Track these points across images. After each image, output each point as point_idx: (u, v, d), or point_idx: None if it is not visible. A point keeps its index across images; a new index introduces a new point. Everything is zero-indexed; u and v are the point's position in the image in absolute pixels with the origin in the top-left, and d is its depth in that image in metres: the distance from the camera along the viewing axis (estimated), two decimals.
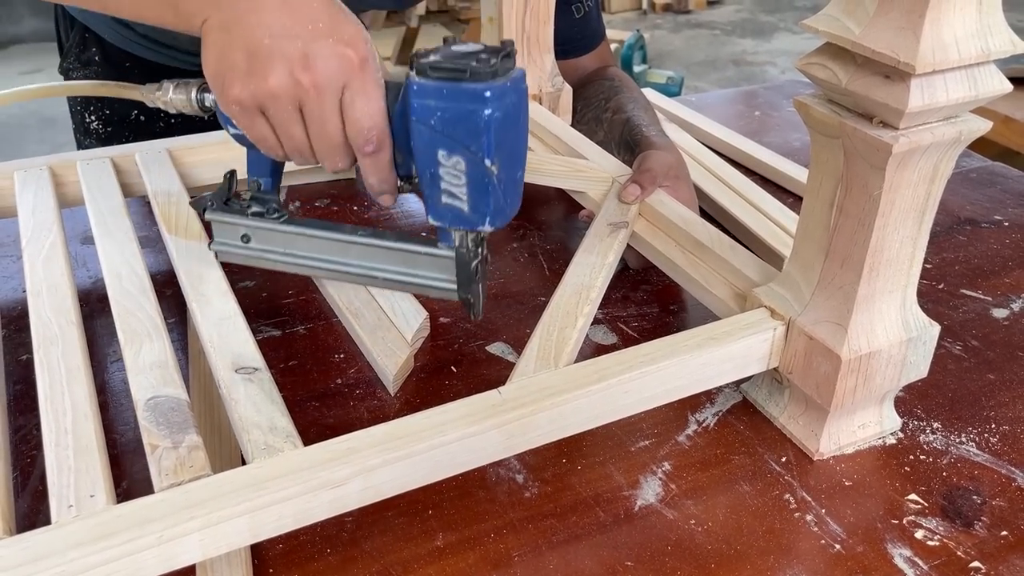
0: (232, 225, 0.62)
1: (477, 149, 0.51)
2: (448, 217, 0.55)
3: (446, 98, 0.51)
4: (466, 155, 0.51)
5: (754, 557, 0.53)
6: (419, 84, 0.51)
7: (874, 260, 0.54)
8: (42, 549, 0.43)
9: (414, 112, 0.51)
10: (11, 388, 0.65)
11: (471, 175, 0.52)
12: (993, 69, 0.50)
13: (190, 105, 0.62)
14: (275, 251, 0.62)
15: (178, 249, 0.67)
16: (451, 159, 0.52)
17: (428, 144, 0.52)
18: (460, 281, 0.58)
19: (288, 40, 0.51)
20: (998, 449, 0.62)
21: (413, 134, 0.52)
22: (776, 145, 1.06)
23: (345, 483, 0.48)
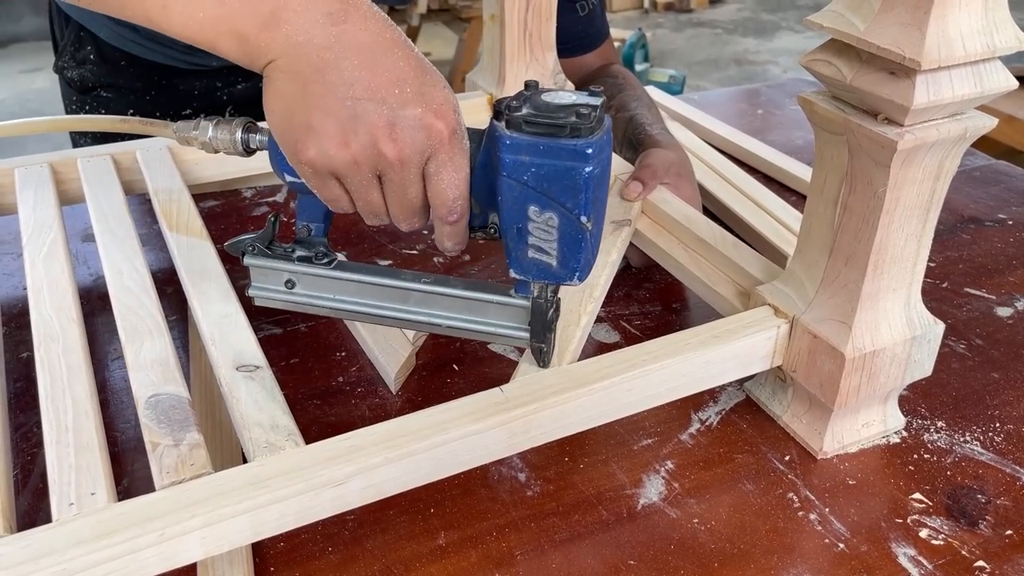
0: (276, 271, 0.58)
1: (574, 206, 0.49)
2: (533, 271, 0.52)
3: (543, 154, 0.48)
4: (560, 212, 0.49)
5: (757, 556, 0.53)
6: (512, 139, 0.48)
7: (878, 258, 0.54)
8: (43, 547, 0.43)
9: (505, 167, 0.49)
10: (12, 386, 0.65)
11: (564, 231, 0.50)
12: (999, 65, 0.50)
13: (234, 148, 0.58)
14: (324, 297, 0.58)
15: (179, 246, 0.67)
16: (543, 215, 0.50)
17: (518, 199, 0.50)
18: (534, 330, 0.55)
19: (373, 105, 0.47)
20: (1002, 448, 0.61)
21: (502, 188, 0.50)
22: (779, 143, 1.06)
23: (347, 481, 0.48)
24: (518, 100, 0.49)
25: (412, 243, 0.84)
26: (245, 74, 1.00)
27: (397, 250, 0.83)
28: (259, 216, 0.88)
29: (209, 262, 0.65)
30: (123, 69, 0.97)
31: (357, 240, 0.84)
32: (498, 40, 0.92)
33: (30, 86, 3.99)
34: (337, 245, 0.83)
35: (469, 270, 0.80)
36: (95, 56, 0.97)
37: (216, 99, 1.00)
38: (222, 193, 0.92)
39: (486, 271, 0.80)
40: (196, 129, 0.58)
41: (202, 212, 0.73)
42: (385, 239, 0.84)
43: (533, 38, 0.92)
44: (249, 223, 0.87)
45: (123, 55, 0.97)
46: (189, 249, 0.67)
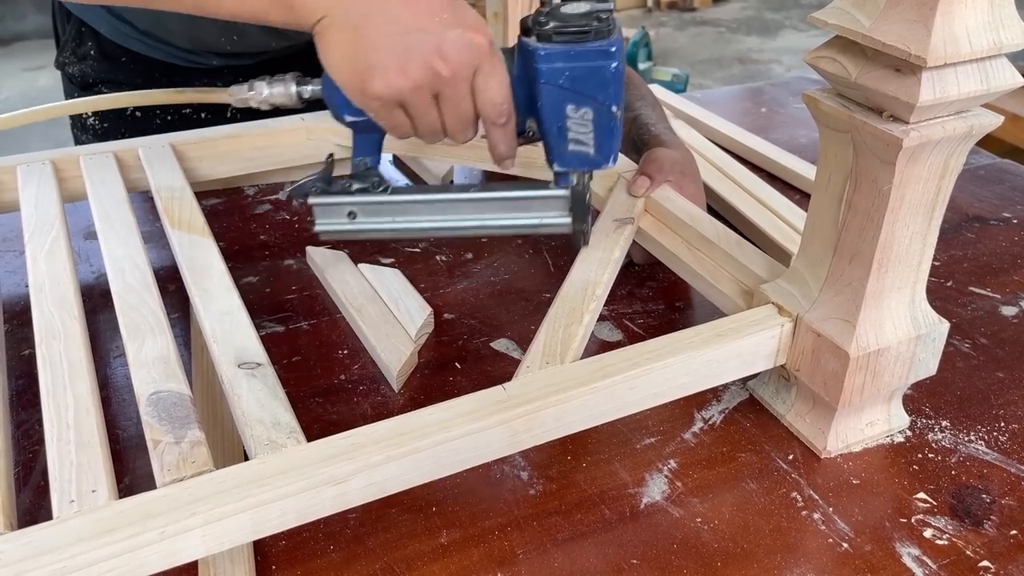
0: (338, 205, 0.65)
1: (605, 99, 0.57)
2: (575, 162, 0.61)
3: (575, 58, 0.56)
4: (594, 105, 0.57)
5: (761, 555, 0.53)
6: (547, 50, 0.56)
7: (883, 256, 0.54)
8: (43, 544, 0.42)
9: (542, 76, 0.56)
10: (13, 383, 0.65)
11: (598, 122, 0.58)
12: (1005, 62, 0.49)
13: (289, 99, 0.65)
14: (383, 221, 0.65)
15: (181, 244, 0.67)
16: (579, 111, 0.57)
17: (556, 101, 0.57)
18: (576, 215, 0.64)
19: (420, 35, 0.54)
20: (1007, 448, 0.61)
21: (541, 94, 0.57)
22: (783, 142, 1.05)
23: (348, 479, 0.48)
24: (542, 16, 0.56)
25: (415, 242, 0.84)
26: (245, 74, 1.00)
27: (400, 248, 0.82)
28: (261, 213, 0.88)
29: (211, 259, 0.65)
30: (123, 65, 0.97)
31: (360, 240, 0.84)
32: (501, 37, 0.92)
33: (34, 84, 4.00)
34: (340, 243, 0.83)
35: (472, 268, 0.80)
36: (95, 52, 0.97)
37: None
38: (224, 191, 0.92)
39: (489, 269, 0.80)
40: (252, 90, 0.65)
41: (204, 210, 0.73)
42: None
43: None
44: (251, 221, 0.87)
45: (123, 51, 0.96)
46: (191, 246, 0.67)
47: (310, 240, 0.83)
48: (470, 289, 0.77)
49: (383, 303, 0.72)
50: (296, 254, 0.81)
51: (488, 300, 0.76)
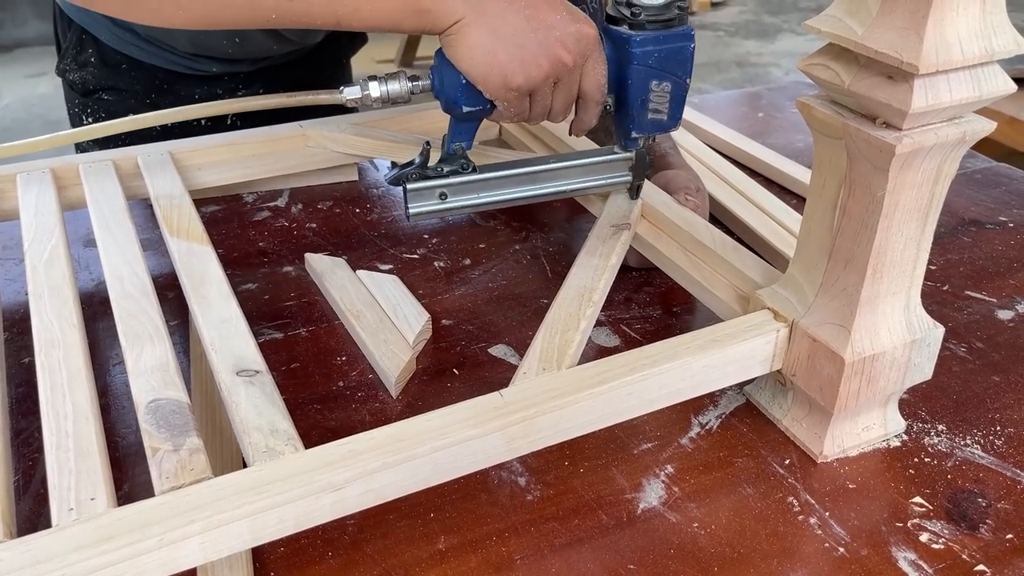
0: (431, 189, 0.70)
1: (683, 74, 0.68)
2: (650, 127, 0.70)
3: (663, 41, 0.66)
4: (674, 80, 0.67)
5: (757, 560, 0.53)
6: (641, 36, 0.65)
7: (877, 262, 0.54)
8: (42, 552, 0.43)
9: (636, 58, 0.66)
10: (13, 391, 0.65)
11: (675, 94, 0.68)
12: (997, 69, 0.50)
13: (404, 96, 0.71)
14: (470, 198, 0.72)
15: (180, 251, 0.67)
16: (661, 85, 0.67)
17: (644, 78, 0.67)
18: (637, 172, 0.75)
19: (548, 31, 0.62)
20: (1003, 451, 0.61)
21: (632, 74, 0.67)
22: (780, 146, 1.06)
23: (346, 486, 0.48)
24: (627, 8, 0.65)
25: (412, 248, 0.84)
26: (246, 82, 1.01)
27: (398, 254, 0.83)
28: (259, 220, 0.88)
29: (210, 267, 0.65)
30: (124, 72, 0.97)
31: (358, 245, 0.84)
32: None
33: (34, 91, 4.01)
34: (339, 250, 0.83)
35: (470, 274, 0.80)
36: (96, 59, 0.98)
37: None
38: (223, 198, 0.92)
39: (487, 275, 0.80)
40: (366, 90, 0.71)
41: (203, 217, 0.73)
42: (386, 244, 0.85)
43: None
44: (250, 228, 0.87)
45: (124, 58, 0.97)
46: (190, 254, 0.67)
47: (308, 247, 0.84)
48: (468, 295, 0.77)
49: (381, 309, 0.72)
50: (295, 261, 0.82)
51: (486, 306, 0.76)
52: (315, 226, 0.87)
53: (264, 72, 1.01)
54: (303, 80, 1.03)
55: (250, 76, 1.00)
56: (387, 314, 0.72)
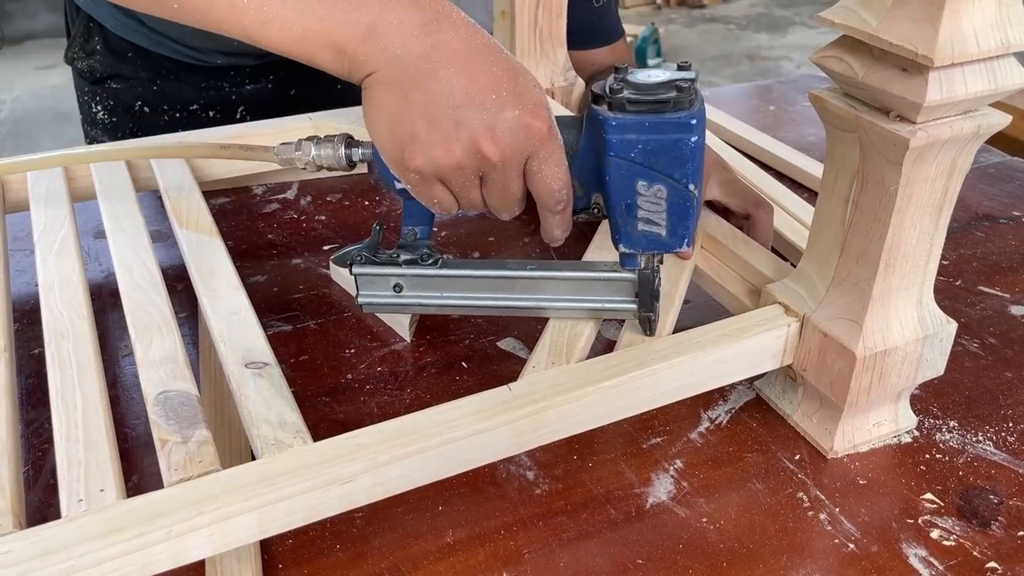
0: (384, 277, 0.61)
1: (681, 176, 0.52)
2: (643, 243, 0.55)
3: (649, 130, 0.51)
4: (668, 183, 0.52)
5: (767, 556, 0.53)
6: (618, 120, 0.51)
7: (890, 256, 0.54)
8: (52, 543, 0.43)
9: (612, 148, 0.51)
10: (24, 382, 0.66)
11: (672, 201, 0.53)
12: (1013, 62, 0.49)
13: (338, 163, 0.60)
14: (431, 296, 0.61)
15: (189, 243, 0.67)
16: (651, 188, 0.52)
17: (626, 176, 0.52)
18: (643, 300, 0.58)
19: (473, 111, 0.49)
20: (1016, 448, 0.61)
21: (609, 168, 0.52)
22: (791, 140, 1.05)
23: (354, 479, 0.48)
24: (616, 83, 0.51)
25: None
26: (253, 76, 1.01)
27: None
28: (268, 213, 0.88)
29: (219, 259, 0.65)
30: (130, 60, 0.97)
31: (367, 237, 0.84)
32: (508, 37, 0.92)
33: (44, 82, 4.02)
34: (347, 241, 0.83)
35: None
36: (102, 47, 0.98)
37: (224, 97, 1.00)
38: (233, 190, 0.92)
39: None
40: (299, 150, 0.61)
41: (213, 209, 0.73)
42: (396, 236, 0.84)
43: (543, 34, 0.92)
44: (259, 220, 0.87)
45: (129, 46, 0.97)
46: (199, 246, 0.67)
47: (317, 239, 0.84)
48: None
49: None
50: (304, 253, 0.82)
51: None
52: (324, 218, 0.87)
53: (271, 65, 1.00)
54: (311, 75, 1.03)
55: (257, 69, 1.00)
56: None
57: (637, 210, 0.53)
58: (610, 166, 0.52)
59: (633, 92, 0.51)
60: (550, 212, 0.54)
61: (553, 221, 0.55)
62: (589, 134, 0.53)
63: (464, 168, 0.51)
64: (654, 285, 0.57)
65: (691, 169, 0.51)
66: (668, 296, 0.64)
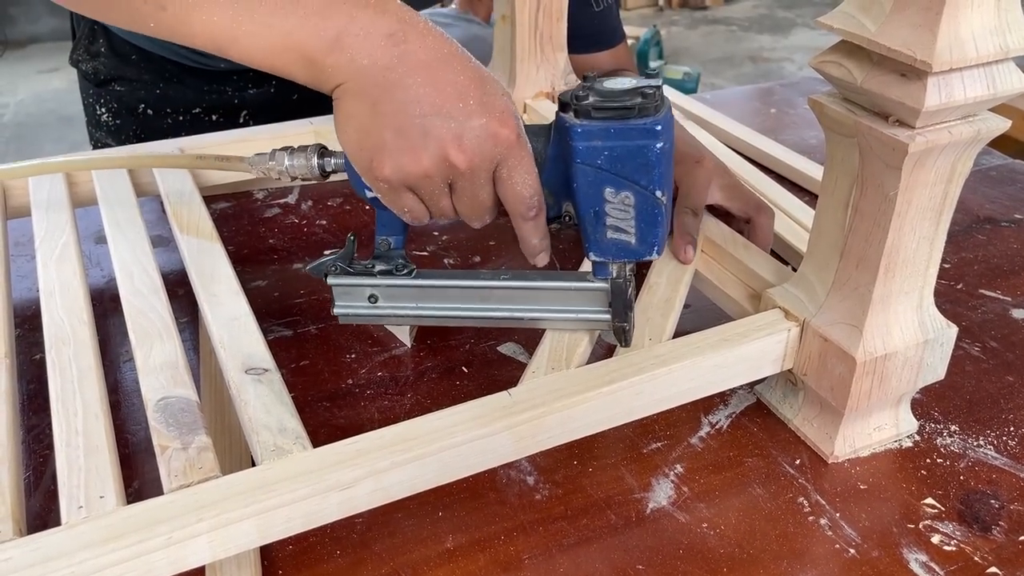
0: (359, 287, 0.61)
1: (648, 183, 0.52)
2: (613, 251, 0.55)
3: (614, 137, 0.51)
4: (635, 190, 0.52)
5: (767, 561, 0.53)
6: (583, 127, 0.51)
7: (890, 261, 0.54)
8: (52, 550, 0.43)
9: (578, 155, 0.52)
10: (25, 387, 0.66)
11: (640, 208, 0.53)
12: (1012, 67, 0.49)
13: (311, 173, 0.61)
14: (407, 307, 0.62)
15: (190, 249, 0.68)
16: (619, 195, 0.53)
17: (593, 183, 0.53)
18: (616, 310, 0.58)
19: (440, 120, 0.50)
20: (1017, 452, 0.61)
21: (577, 175, 0.53)
22: (792, 143, 1.05)
23: (354, 485, 0.48)
24: (583, 91, 0.51)
25: (422, 245, 0.84)
26: (255, 81, 1.01)
27: (408, 252, 0.82)
28: (269, 217, 0.89)
29: (219, 264, 0.65)
30: (133, 63, 0.98)
31: (368, 242, 0.84)
32: (509, 41, 0.92)
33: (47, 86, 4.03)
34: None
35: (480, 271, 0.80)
36: (106, 49, 0.98)
37: (227, 101, 1.01)
38: (233, 195, 0.92)
39: None
40: (272, 160, 0.61)
41: (214, 214, 0.73)
42: None
43: (544, 38, 0.92)
44: (260, 225, 0.87)
45: (133, 48, 0.97)
46: (199, 251, 0.67)
47: (318, 244, 0.84)
48: None
49: None
50: (305, 258, 0.82)
51: None
52: (325, 223, 0.88)
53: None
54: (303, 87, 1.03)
55: (260, 74, 1.00)
56: None
57: (606, 217, 0.54)
58: (577, 173, 0.52)
59: (598, 99, 0.51)
60: (522, 219, 0.55)
61: (527, 228, 0.55)
62: (557, 142, 0.54)
63: (432, 176, 0.51)
64: (627, 295, 0.57)
65: (658, 175, 0.52)
66: (668, 301, 0.64)
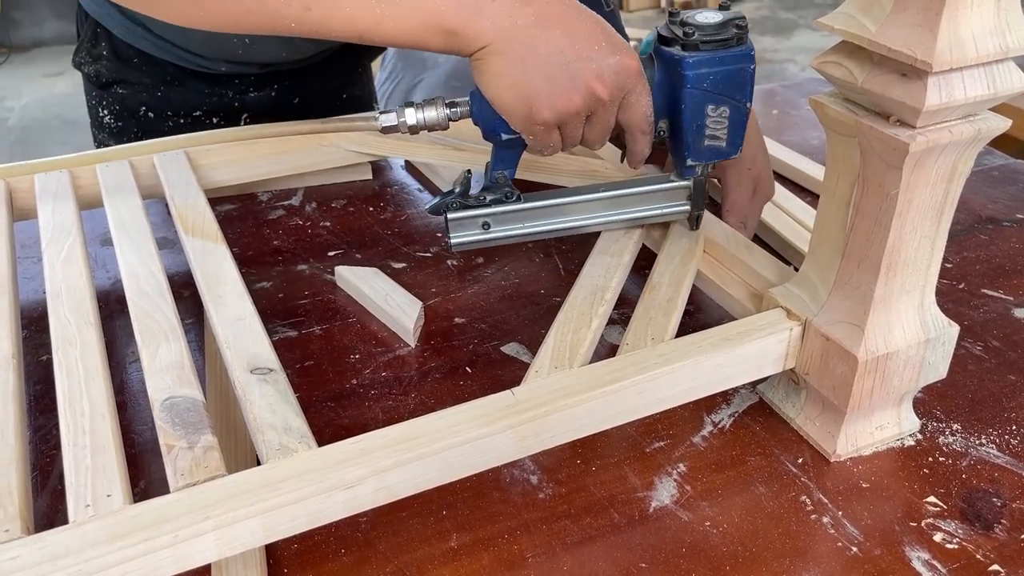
0: (473, 219, 0.69)
1: (742, 97, 0.64)
2: (707, 155, 0.67)
3: (719, 63, 0.62)
4: (731, 104, 0.64)
5: (770, 559, 0.53)
6: (695, 57, 0.62)
7: (891, 260, 0.54)
8: (59, 548, 0.43)
9: (689, 81, 0.62)
10: (32, 388, 0.66)
11: (733, 119, 0.65)
12: (1012, 66, 0.49)
13: (440, 123, 0.67)
14: (515, 228, 0.70)
15: (195, 250, 0.68)
16: (718, 110, 0.64)
17: (699, 102, 0.63)
18: (696, 202, 0.71)
19: (583, 64, 0.58)
20: (1019, 451, 0.61)
21: (686, 98, 0.63)
22: (794, 143, 1.05)
23: (358, 484, 0.48)
24: (685, 27, 0.62)
25: (426, 246, 0.84)
26: (257, 84, 1.01)
27: (411, 253, 0.83)
28: (274, 219, 0.89)
29: (224, 266, 0.66)
30: (135, 66, 0.98)
31: (372, 243, 0.85)
32: None
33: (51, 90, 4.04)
34: (352, 248, 0.84)
35: (483, 272, 0.80)
36: (109, 52, 0.99)
37: (228, 104, 1.01)
38: (238, 196, 0.92)
39: (500, 273, 0.80)
40: (402, 117, 0.67)
41: (218, 215, 0.73)
42: (400, 242, 0.85)
43: None
44: (265, 226, 0.88)
45: (135, 52, 0.98)
46: (204, 253, 0.68)
47: (322, 245, 0.84)
48: (481, 293, 0.77)
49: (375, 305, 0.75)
50: (309, 259, 0.82)
51: (499, 304, 0.76)
52: (329, 224, 0.88)
53: (276, 75, 1.01)
54: (316, 84, 1.04)
55: (261, 78, 1.01)
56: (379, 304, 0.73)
57: (705, 129, 0.65)
58: (686, 96, 0.63)
59: (702, 34, 0.62)
60: (642, 134, 0.64)
61: (644, 141, 0.65)
62: (663, 71, 0.64)
63: (581, 113, 0.60)
64: (704, 187, 0.70)
65: (749, 91, 0.64)
66: (671, 300, 0.64)
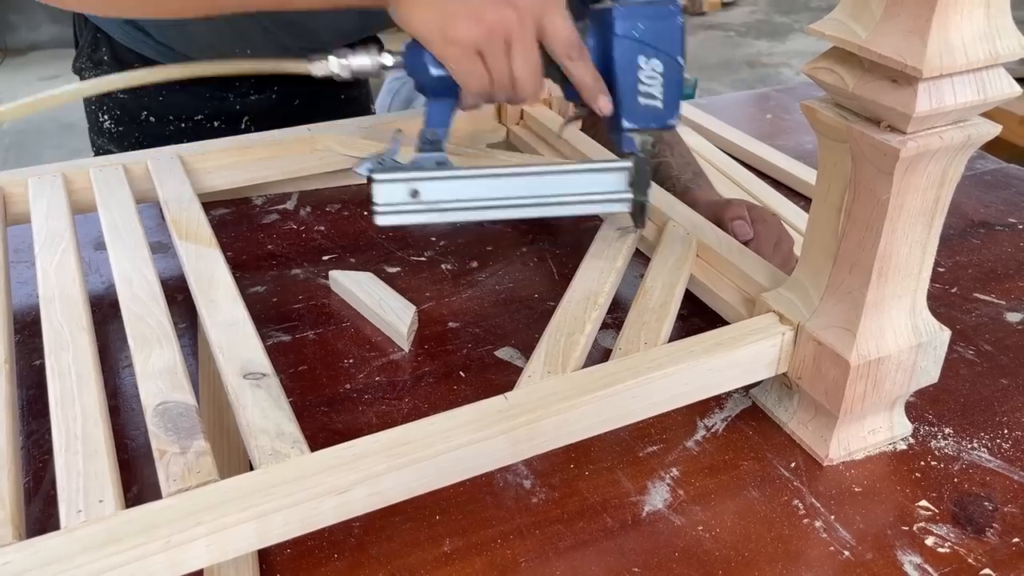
0: (404, 182, 0.66)
1: (674, 51, 0.64)
2: (645, 117, 0.66)
3: (647, 15, 0.63)
4: (663, 58, 0.64)
5: (762, 564, 0.53)
6: (622, 8, 0.63)
7: (883, 265, 0.54)
8: (51, 554, 0.43)
9: (619, 29, 0.63)
10: (24, 393, 0.66)
11: (667, 76, 0.65)
12: (1002, 72, 0.50)
13: (372, 66, 0.67)
14: (448, 205, 0.67)
15: (188, 255, 0.68)
16: (649, 62, 0.64)
17: (630, 52, 0.64)
18: (639, 186, 0.67)
19: None
20: (1010, 455, 0.61)
21: (617, 48, 0.64)
22: (788, 148, 1.06)
23: (351, 489, 0.48)
24: None
25: (420, 250, 0.84)
26: (257, 87, 1.01)
27: (406, 257, 0.83)
28: (268, 223, 0.89)
29: (217, 270, 0.66)
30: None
31: (366, 247, 0.85)
32: None
33: None
34: (346, 252, 0.84)
35: (477, 276, 0.80)
36: (109, 57, 0.99)
37: (229, 108, 1.01)
38: (232, 201, 0.92)
39: (494, 277, 0.80)
40: (341, 58, 0.67)
41: (212, 220, 0.73)
42: (394, 246, 0.85)
43: None
44: (259, 230, 0.88)
45: (136, 56, 0.98)
46: (198, 257, 0.67)
47: (317, 249, 0.84)
48: (475, 298, 0.77)
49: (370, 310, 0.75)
50: (303, 263, 0.82)
51: (492, 309, 0.76)
52: (323, 229, 0.88)
53: (275, 77, 1.01)
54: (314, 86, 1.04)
55: (261, 80, 1.01)
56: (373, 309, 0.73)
57: (639, 84, 0.64)
58: (616, 47, 0.64)
59: None
60: (569, 59, 0.64)
61: (579, 68, 0.64)
62: (593, 30, 0.65)
63: (495, 31, 0.61)
64: (648, 171, 0.67)
65: (678, 44, 0.64)
66: (664, 305, 0.64)
